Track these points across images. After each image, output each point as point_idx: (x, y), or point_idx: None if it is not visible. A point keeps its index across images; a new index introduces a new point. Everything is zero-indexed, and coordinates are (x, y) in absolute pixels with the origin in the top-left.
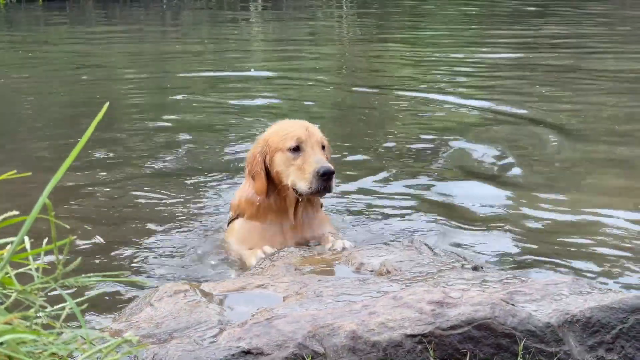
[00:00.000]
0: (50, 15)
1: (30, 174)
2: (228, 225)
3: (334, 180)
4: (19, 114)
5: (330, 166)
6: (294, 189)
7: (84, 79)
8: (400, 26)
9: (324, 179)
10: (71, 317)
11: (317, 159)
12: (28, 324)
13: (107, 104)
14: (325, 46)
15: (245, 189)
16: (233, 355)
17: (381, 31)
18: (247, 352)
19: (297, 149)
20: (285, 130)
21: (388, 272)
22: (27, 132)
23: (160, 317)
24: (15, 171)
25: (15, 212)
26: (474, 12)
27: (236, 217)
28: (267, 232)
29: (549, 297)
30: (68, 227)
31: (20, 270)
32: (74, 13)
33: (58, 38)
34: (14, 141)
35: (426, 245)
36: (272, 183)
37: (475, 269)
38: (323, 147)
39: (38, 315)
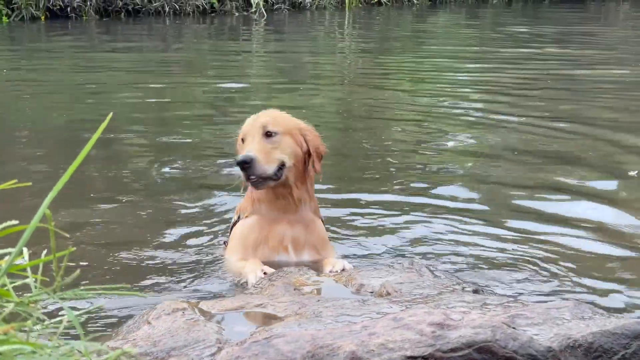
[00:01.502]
0: (53, 33)
1: (30, 184)
2: (231, 230)
3: (257, 167)
4: (18, 127)
5: (249, 155)
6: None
7: (85, 94)
8: (401, 44)
9: (243, 169)
10: (67, 332)
11: (247, 149)
12: (25, 336)
13: (111, 114)
14: (327, 61)
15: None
16: None
17: (383, 47)
18: None
19: (243, 141)
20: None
21: (388, 293)
22: (24, 145)
23: (158, 335)
24: (15, 180)
25: (14, 222)
26: (476, 35)
27: (237, 220)
28: (263, 226)
29: (551, 321)
30: (68, 235)
31: (18, 282)
32: (76, 30)
33: (60, 54)
34: (12, 155)
35: (427, 267)
36: None
37: (476, 291)
38: (269, 134)
39: (35, 327)
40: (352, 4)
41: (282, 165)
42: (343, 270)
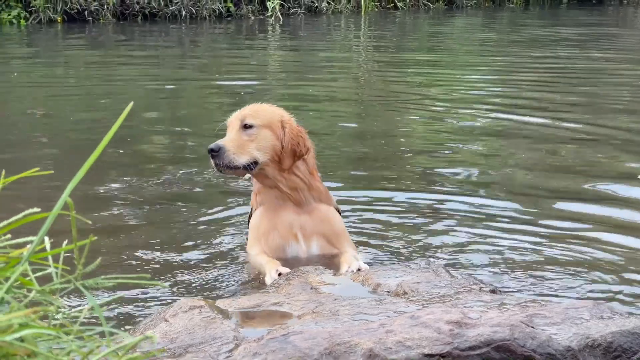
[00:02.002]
0: (70, 36)
1: (52, 172)
2: (249, 221)
3: (224, 156)
4: (35, 128)
5: (218, 144)
6: None
7: (100, 96)
8: (417, 48)
9: (212, 156)
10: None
11: (221, 139)
12: (46, 323)
13: (131, 104)
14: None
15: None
16: None
17: (399, 54)
18: None
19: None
20: None
21: (405, 293)
22: (41, 144)
23: (175, 332)
24: (38, 168)
25: (36, 209)
26: (493, 38)
27: (252, 212)
28: (270, 215)
29: (569, 321)
30: (90, 222)
31: (39, 274)
32: (93, 34)
33: (76, 58)
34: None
35: (443, 267)
36: None
37: (493, 292)
38: (246, 126)
39: (56, 315)
40: (368, 8)
41: (255, 160)
42: (359, 270)
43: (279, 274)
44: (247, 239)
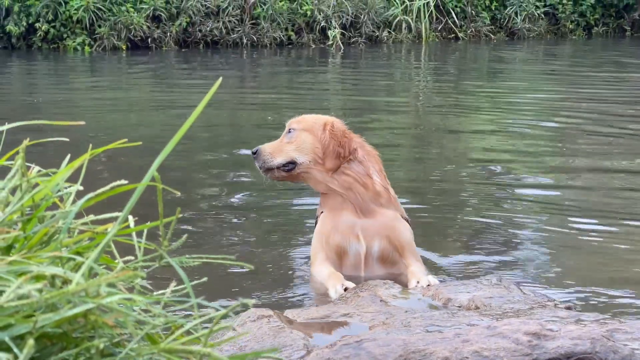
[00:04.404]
0: (133, 63)
1: (140, 143)
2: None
3: (260, 157)
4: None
5: (257, 147)
6: None
7: (162, 121)
8: (478, 78)
9: (255, 158)
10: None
11: None
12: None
13: (220, 78)
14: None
15: None
16: None
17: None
18: None
19: None
20: None
21: (477, 307)
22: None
23: (244, 341)
24: (126, 140)
25: (124, 181)
26: (554, 70)
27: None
28: (331, 217)
29: None
30: (179, 194)
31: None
32: (155, 60)
33: (139, 84)
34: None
35: (515, 284)
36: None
37: (569, 308)
38: (289, 131)
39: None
40: (429, 38)
41: (292, 161)
42: (429, 285)
43: (345, 289)
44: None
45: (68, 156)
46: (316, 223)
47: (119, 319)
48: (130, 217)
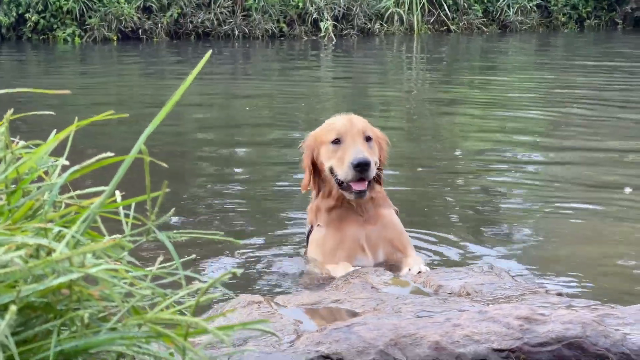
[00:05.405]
0: (124, 54)
1: (127, 115)
2: (307, 238)
3: (372, 170)
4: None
5: (365, 157)
6: (335, 180)
7: (153, 109)
8: (470, 70)
9: (358, 170)
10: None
11: (355, 150)
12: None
13: (209, 52)
14: (394, 84)
15: (314, 195)
16: (312, 359)
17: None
18: (326, 357)
19: (337, 141)
20: (330, 123)
21: (468, 294)
22: None
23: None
24: (112, 111)
25: (110, 154)
26: (547, 63)
27: (311, 229)
28: (335, 231)
29: None
30: (166, 165)
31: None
32: (146, 52)
33: (130, 76)
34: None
35: (506, 271)
36: (321, 178)
37: (559, 294)
38: (368, 139)
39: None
40: (421, 31)
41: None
42: (419, 272)
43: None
44: (305, 252)
45: (54, 130)
46: (308, 234)
47: (104, 292)
48: (117, 192)
